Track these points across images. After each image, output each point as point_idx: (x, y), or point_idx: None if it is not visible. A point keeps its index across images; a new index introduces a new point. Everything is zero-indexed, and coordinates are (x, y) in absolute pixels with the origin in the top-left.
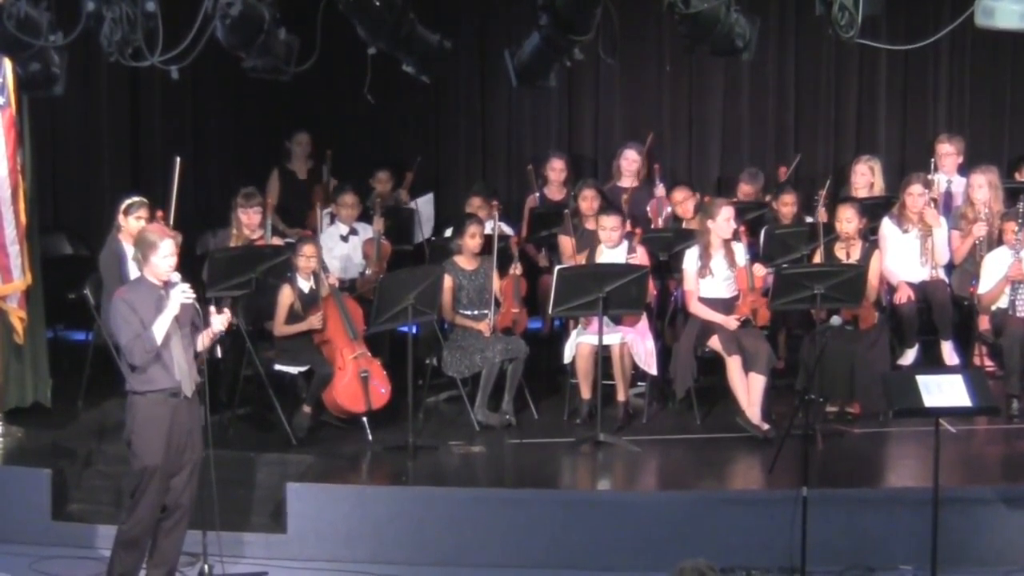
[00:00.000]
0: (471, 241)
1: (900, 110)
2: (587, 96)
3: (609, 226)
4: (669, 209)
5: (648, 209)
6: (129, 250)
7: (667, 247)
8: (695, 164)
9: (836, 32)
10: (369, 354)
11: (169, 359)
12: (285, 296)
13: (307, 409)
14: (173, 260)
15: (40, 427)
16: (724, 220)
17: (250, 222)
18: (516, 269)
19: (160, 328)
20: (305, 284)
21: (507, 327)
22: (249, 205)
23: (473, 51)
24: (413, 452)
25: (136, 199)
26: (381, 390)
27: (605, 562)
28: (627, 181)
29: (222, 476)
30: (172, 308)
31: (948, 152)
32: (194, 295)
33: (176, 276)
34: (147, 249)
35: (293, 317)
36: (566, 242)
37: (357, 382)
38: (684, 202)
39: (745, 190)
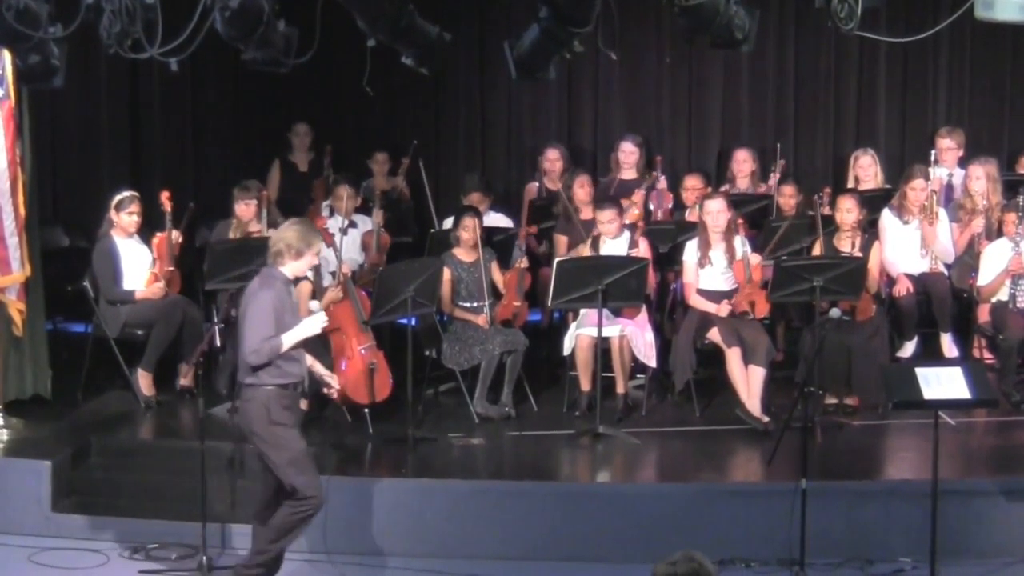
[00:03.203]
0: (465, 234)
1: (900, 102)
2: (586, 88)
3: (606, 219)
4: (671, 205)
5: (649, 202)
6: (123, 245)
7: (668, 239)
8: (694, 156)
9: (836, 24)
10: (376, 346)
11: (298, 353)
12: (305, 289)
13: (303, 404)
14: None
15: (39, 419)
16: (715, 212)
17: (245, 213)
18: (522, 262)
19: (290, 340)
20: (309, 275)
21: (507, 319)
22: (248, 197)
23: (473, 43)
24: (413, 444)
25: (127, 194)
26: (386, 383)
27: (604, 554)
28: (627, 174)
29: (221, 467)
30: (307, 330)
31: (949, 147)
32: (326, 321)
33: (316, 304)
34: (306, 246)
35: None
36: (561, 240)
37: (365, 373)
38: (692, 190)
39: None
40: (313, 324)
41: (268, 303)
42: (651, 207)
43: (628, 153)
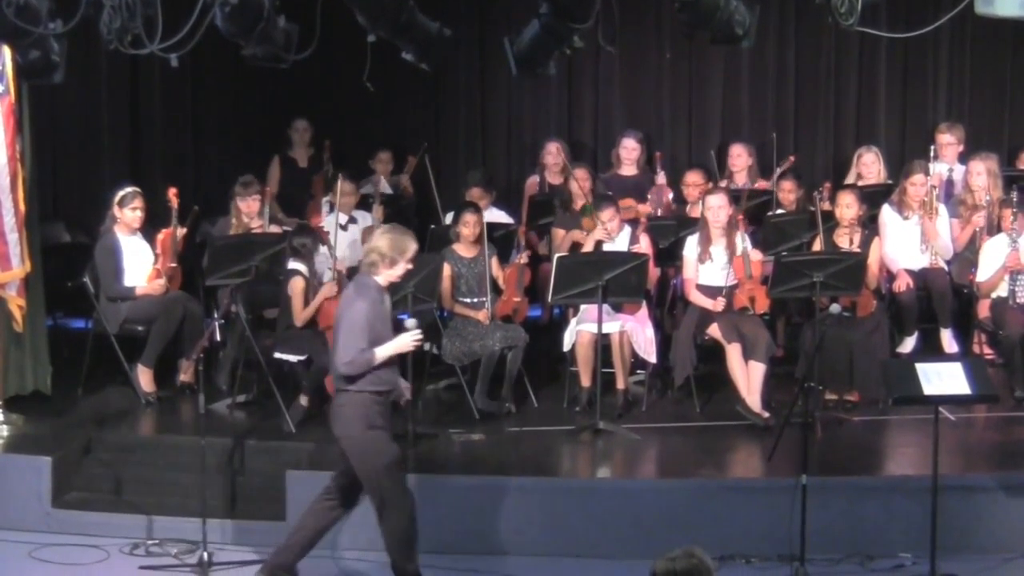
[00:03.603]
0: (466, 229)
1: (900, 98)
2: (587, 84)
3: (606, 218)
4: (671, 197)
5: (649, 197)
6: (125, 242)
7: (668, 235)
8: (695, 151)
9: (836, 19)
10: None
11: (393, 361)
12: (298, 285)
13: (304, 400)
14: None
15: (40, 415)
16: (716, 207)
17: (249, 210)
18: (522, 258)
19: (383, 354)
20: (307, 272)
21: (507, 315)
22: (247, 193)
23: (473, 39)
24: (413, 440)
25: (130, 190)
26: None
27: (604, 550)
28: (627, 170)
29: (222, 464)
30: (400, 346)
31: (949, 142)
32: (421, 338)
33: (412, 322)
34: (399, 254)
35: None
36: (558, 234)
37: None
38: (693, 186)
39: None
40: (406, 340)
41: (363, 314)
42: (648, 198)
43: (630, 149)
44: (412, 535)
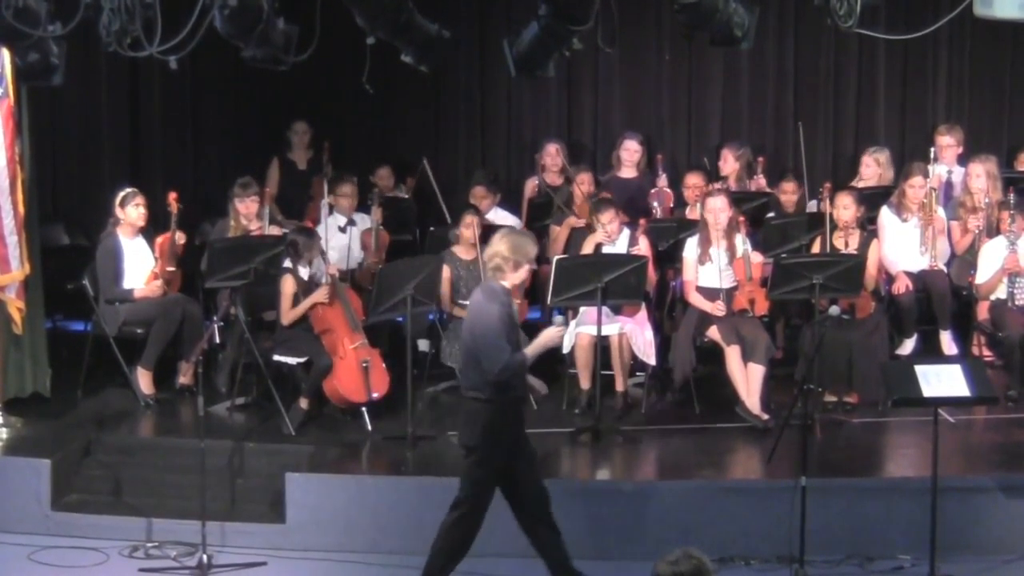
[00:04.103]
0: (466, 231)
1: (899, 99)
2: (586, 85)
3: (606, 220)
4: (671, 201)
5: (651, 200)
6: (127, 244)
7: (668, 237)
8: (694, 153)
9: (835, 21)
10: (368, 344)
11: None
12: (288, 285)
13: (303, 403)
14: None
15: (39, 417)
16: (717, 209)
17: (247, 211)
18: None
19: (533, 352)
20: (305, 273)
21: None
22: (246, 195)
23: (472, 40)
24: (412, 442)
25: (130, 190)
26: (382, 380)
27: (604, 551)
28: (627, 172)
29: (221, 466)
30: (547, 341)
31: (948, 144)
32: (563, 329)
33: (560, 319)
34: (523, 257)
35: (295, 306)
36: (556, 232)
37: (359, 372)
38: (694, 188)
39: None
40: (553, 334)
41: (497, 318)
42: (654, 205)
43: (632, 151)
44: (462, 551)
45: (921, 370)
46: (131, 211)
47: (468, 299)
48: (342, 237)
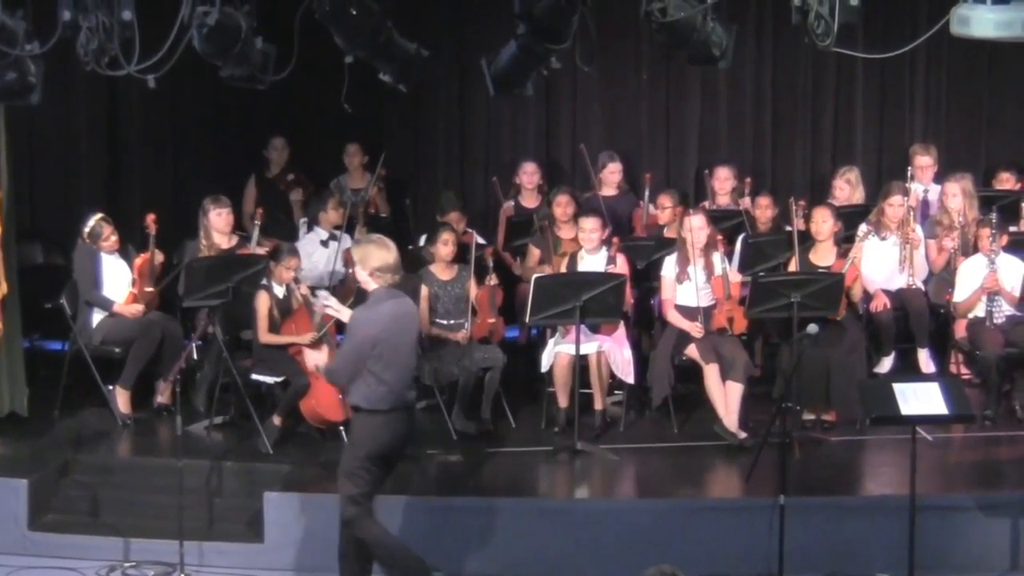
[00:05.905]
0: (444, 249)
1: (877, 117)
2: (565, 104)
3: (588, 227)
4: (659, 223)
5: (633, 218)
6: (105, 258)
7: (646, 256)
8: (673, 171)
9: (813, 40)
10: None
11: None
12: (263, 303)
13: (276, 420)
14: None
15: (17, 437)
16: (696, 228)
17: (219, 226)
18: (492, 279)
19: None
20: (280, 291)
21: (484, 337)
22: (219, 206)
23: (451, 59)
24: None
25: (93, 222)
26: None
27: (582, 570)
28: (608, 191)
29: (199, 485)
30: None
31: (926, 164)
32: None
33: (323, 293)
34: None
35: (271, 324)
36: (533, 252)
37: (335, 391)
38: (665, 209)
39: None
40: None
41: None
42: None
43: (612, 172)
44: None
45: (899, 388)
46: (103, 244)
47: (445, 319)
48: (323, 252)
